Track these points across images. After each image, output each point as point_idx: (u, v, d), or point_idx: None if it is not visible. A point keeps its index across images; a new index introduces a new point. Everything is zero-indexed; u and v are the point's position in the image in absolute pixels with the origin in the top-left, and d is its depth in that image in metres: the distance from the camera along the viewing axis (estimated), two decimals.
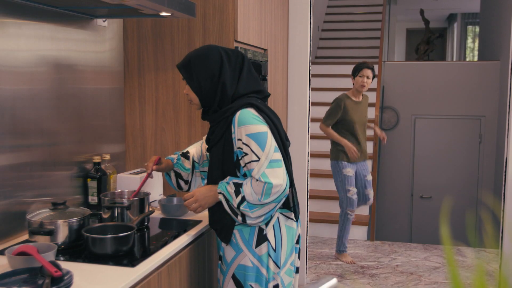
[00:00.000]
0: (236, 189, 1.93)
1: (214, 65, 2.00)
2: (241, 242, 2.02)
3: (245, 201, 1.91)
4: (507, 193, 3.77)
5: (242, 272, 2.02)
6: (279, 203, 1.95)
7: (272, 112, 2.06)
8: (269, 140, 1.92)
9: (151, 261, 1.81)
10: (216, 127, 2.02)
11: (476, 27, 13.49)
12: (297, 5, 3.90)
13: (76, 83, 2.41)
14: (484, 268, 0.52)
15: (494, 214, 1.43)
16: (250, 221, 1.95)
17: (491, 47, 7.79)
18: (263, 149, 1.89)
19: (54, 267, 1.55)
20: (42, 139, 2.19)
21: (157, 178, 2.69)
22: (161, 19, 2.73)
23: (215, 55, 2.01)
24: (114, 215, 2.19)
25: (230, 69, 2.01)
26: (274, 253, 2.01)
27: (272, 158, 1.90)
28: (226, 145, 1.99)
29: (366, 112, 4.53)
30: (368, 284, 4.01)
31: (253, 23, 2.98)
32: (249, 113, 1.95)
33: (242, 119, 1.93)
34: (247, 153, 1.91)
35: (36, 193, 2.15)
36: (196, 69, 2.02)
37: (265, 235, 2.00)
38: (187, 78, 2.04)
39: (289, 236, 2.07)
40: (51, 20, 2.22)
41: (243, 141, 1.92)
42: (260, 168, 1.88)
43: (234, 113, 1.96)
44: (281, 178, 1.89)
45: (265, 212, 1.93)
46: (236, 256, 2.03)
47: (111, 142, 2.72)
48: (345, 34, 8.68)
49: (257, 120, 1.94)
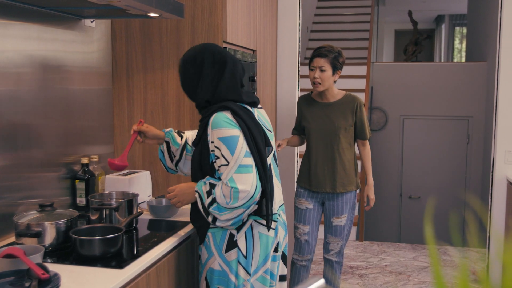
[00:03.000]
0: (209, 189, 1.94)
1: (195, 66, 2.06)
2: (212, 246, 2.02)
3: (215, 203, 1.92)
4: (494, 192, 3.81)
5: (210, 275, 2.03)
6: (248, 209, 1.92)
7: (250, 116, 2.01)
8: (240, 144, 1.90)
9: (140, 262, 1.80)
10: (199, 126, 2.05)
11: (463, 29, 13.60)
12: (286, 6, 3.91)
13: (64, 84, 2.39)
14: (467, 267, 0.53)
15: (476, 214, 1.44)
16: (220, 223, 1.95)
17: (478, 48, 7.86)
18: (232, 153, 1.89)
19: (41, 269, 1.54)
20: (29, 140, 2.18)
21: (145, 179, 2.68)
22: (149, 19, 2.72)
23: (199, 57, 2.06)
24: (103, 217, 2.18)
25: (211, 72, 2.04)
26: (244, 260, 2.00)
27: (242, 163, 1.88)
28: (203, 147, 2.00)
29: (347, 118, 3.05)
30: (357, 284, 4.03)
31: (241, 24, 2.98)
32: (223, 116, 1.94)
33: (215, 122, 1.94)
34: (218, 157, 1.93)
35: (23, 195, 2.13)
36: (182, 67, 2.10)
37: (235, 241, 2.00)
38: (179, 74, 2.13)
39: (263, 243, 2.04)
40: (38, 20, 2.21)
41: (215, 144, 1.93)
42: (228, 172, 1.88)
43: (211, 115, 1.97)
44: (249, 184, 1.87)
45: (234, 216, 1.93)
46: (208, 259, 2.03)
47: (99, 143, 2.70)
48: (334, 35, 8.71)
49: (229, 124, 1.93)
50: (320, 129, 3.04)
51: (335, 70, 3.00)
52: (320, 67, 2.96)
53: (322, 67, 2.96)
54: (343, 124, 3.02)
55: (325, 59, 2.97)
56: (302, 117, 3.15)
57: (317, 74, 2.97)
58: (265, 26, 3.57)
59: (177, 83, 2.73)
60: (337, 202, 3.07)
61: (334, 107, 3.06)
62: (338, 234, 3.10)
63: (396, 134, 7.64)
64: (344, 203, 3.07)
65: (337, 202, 3.07)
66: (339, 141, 3.03)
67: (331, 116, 3.04)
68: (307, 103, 3.15)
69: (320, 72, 2.97)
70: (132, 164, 2.83)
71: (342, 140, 3.03)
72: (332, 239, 3.12)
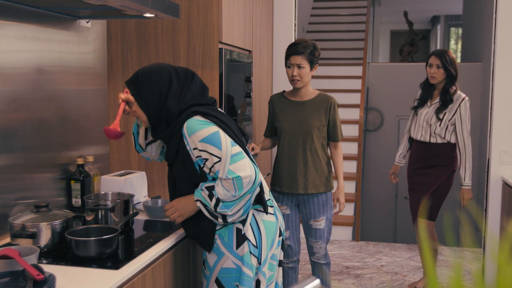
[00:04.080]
0: (209, 192, 1.95)
1: (162, 83, 2.00)
2: (221, 246, 2.04)
3: (220, 202, 1.93)
4: (489, 193, 3.82)
5: (225, 275, 2.04)
6: (254, 193, 1.96)
7: (219, 111, 2.04)
8: (223, 137, 1.93)
9: (135, 263, 1.80)
10: (170, 144, 2.03)
11: (459, 29, 13.64)
12: (281, 7, 3.92)
13: (59, 84, 2.39)
14: (461, 267, 0.53)
15: (471, 214, 1.44)
16: (231, 218, 1.97)
17: (473, 49, 7.88)
18: (220, 148, 1.91)
19: (36, 270, 1.54)
20: (25, 141, 2.17)
21: (141, 180, 2.68)
22: (145, 20, 2.72)
23: (165, 73, 2.01)
24: (98, 217, 2.18)
25: (178, 87, 2.01)
26: (255, 249, 2.04)
27: (232, 153, 1.91)
28: (185, 159, 1.99)
29: (320, 117, 2.96)
30: (353, 284, 4.03)
31: (237, 24, 2.98)
32: (195, 121, 1.95)
33: (190, 129, 1.94)
34: (207, 158, 1.93)
35: (18, 196, 2.13)
36: (144, 86, 2.01)
37: (244, 235, 2.03)
38: (134, 94, 2.03)
39: (268, 230, 2.10)
40: (33, 20, 2.20)
41: (199, 148, 1.93)
42: (224, 167, 1.90)
43: (182, 125, 1.96)
44: (248, 169, 1.91)
45: (242, 205, 1.96)
46: (218, 260, 2.04)
47: (94, 143, 2.70)
48: (330, 35, 8.72)
49: (204, 125, 1.94)
50: (293, 128, 2.96)
51: (313, 65, 2.92)
52: (298, 64, 2.87)
53: (299, 64, 2.87)
54: (316, 124, 2.95)
55: (302, 56, 2.87)
56: (274, 116, 3.05)
57: (295, 72, 2.88)
58: (261, 27, 3.58)
59: None
60: (312, 205, 3.00)
61: (307, 106, 2.97)
62: (319, 237, 3.04)
63: (392, 134, 7.65)
64: (319, 205, 3.00)
65: (312, 205, 3.00)
66: (312, 140, 2.95)
67: (304, 114, 2.96)
68: (279, 101, 3.05)
69: (298, 69, 2.88)
70: (128, 165, 2.83)
71: (314, 139, 2.95)
72: (315, 243, 3.06)
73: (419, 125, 3.64)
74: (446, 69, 3.50)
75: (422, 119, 3.61)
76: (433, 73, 3.55)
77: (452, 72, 3.51)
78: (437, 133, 3.54)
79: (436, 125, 3.53)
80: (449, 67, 3.49)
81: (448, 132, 3.52)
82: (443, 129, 3.52)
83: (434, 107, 3.57)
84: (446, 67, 3.49)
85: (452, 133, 3.52)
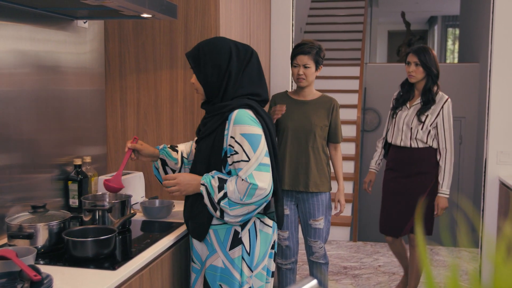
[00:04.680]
0: (220, 184, 1.93)
1: (222, 57, 2.00)
2: (215, 243, 2.02)
3: (226, 198, 1.91)
4: (486, 193, 3.83)
5: (212, 272, 2.03)
6: (260, 207, 1.95)
7: (269, 117, 2.06)
8: (262, 143, 1.93)
9: (133, 264, 1.79)
10: (210, 120, 2.03)
11: (456, 30, 13.67)
12: (279, 7, 3.92)
13: (57, 84, 2.38)
14: (458, 267, 0.53)
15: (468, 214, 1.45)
16: (228, 218, 1.95)
17: (471, 49, 7.90)
18: (254, 151, 1.90)
19: (34, 271, 1.53)
20: (22, 141, 2.17)
21: (138, 181, 2.68)
22: (142, 20, 2.72)
23: (225, 47, 2.02)
24: (95, 218, 2.17)
25: (238, 63, 2.01)
26: (248, 256, 2.03)
27: (262, 162, 1.91)
28: (217, 140, 1.99)
29: (322, 117, 3.03)
30: (351, 284, 4.04)
31: (235, 25, 2.98)
32: (247, 113, 1.96)
33: (239, 118, 1.94)
34: (237, 152, 1.92)
35: (15, 196, 2.12)
36: (204, 59, 2.02)
37: (240, 239, 2.01)
38: (195, 67, 2.05)
39: (263, 241, 2.08)
40: (31, 21, 2.20)
41: (236, 139, 1.92)
42: (248, 169, 1.89)
43: (232, 110, 1.96)
44: (267, 183, 1.90)
45: (244, 213, 1.94)
46: (209, 256, 2.04)
47: (92, 144, 2.69)
48: (327, 36, 8.73)
49: (253, 122, 1.95)
50: (296, 126, 2.99)
51: (318, 65, 3.02)
52: (304, 64, 2.97)
53: (306, 64, 2.97)
54: (319, 123, 3.00)
55: (308, 56, 2.97)
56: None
57: (301, 71, 2.97)
58: (259, 27, 3.58)
59: (170, 84, 2.73)
60: (312, 204, 3.04)
61: (310, 105, 3.03)
62: (318, 236, 3.07)
63: None
64: (319, 205, 3.04)
65: (312, 204, 3.03)
66: (315, 139, 3.00)
67: (308, 113, 3.01)
68: (282, 100, 3.08)
69: (304, 69, 2.97)
70: (126, 166, 2.82)
71: (317, 138, 3.00)
72: (314, 243, 3.10)
73: (399, 129, 3.35)
74: (425, 67, 3.26)
75: (402, 122, 3.33)
76: (411, 71, 3.29)
77: (432, 70, 3.27)
78: (419, 138, 3.28)
79: (417, 128, 3.27)
80: (428, 65, 3.25)
81: (430, 137, 3.29)
82: (425, 133, 3.27)
83: (415, 108, 3.31)
84: (425, 64, 3.25)
85: (434, 137, 3.29)
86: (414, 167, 3.32)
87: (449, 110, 3.25)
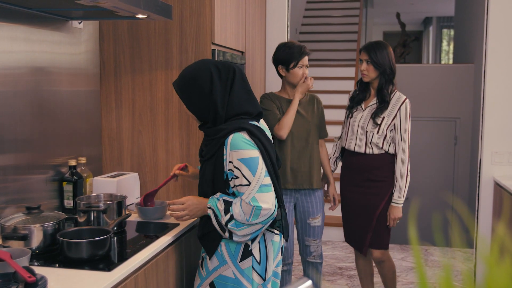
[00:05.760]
0: (226, 207, 1.96)
1: (204, 83, 2.01)
2: (226, 255, 2.05)
3: (233, 220, 1.95)
4: (481, 193, 3.84)
5: (222, 282, 2.06)
6: (266, 225, 1.99)
7: (264, 135, 2.05)
8: (260, 165, 1.94)
9: (128, 265, 1.79)
10: (210, 143, 2.04)
11: (451, 31, 13.72)
12: (274, 8, 3.92)
13: (51, 85, 2.38)
14: (451, 267, 0.53)
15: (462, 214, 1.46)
16: (237, 238, 1.99)
17: (465, 50, 7.93)
18: (254, 174, 1.92)
19: (28, 272, 1.53)
20: (16, 142, 2.16)
21: (133, 181, 2.67)
22: (137, 21, 2.71)
23: (205, 72, 2.02)
24: (90, 219, 2.17)
25: (221, 86, 2.01)
26: (258, 266, 2.06)
27: (263, 183, 1.93)
28: (218, 164, 2.01)
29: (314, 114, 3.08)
30: (346, 285, 4.04)
31: (230, 25, 2.98)
32: (241, 137, 1.96)
33: (234, 143, 1.95)
34: (237, 176, 1.95)
35: (9, 198, 2.12)
36: (188, 88, 2.05)
37: (250, 251, 2.05)
38: (181, 97, 2.08)
39: (274, 250, 2.12)
40: (25, 21, 2.19)
41: (234, 165, 1.94)
42: (250, 192, 1.92)
43: (227, 135, 1.97)
44: (270, 203, 1.93)
45: (252, 232, 1.97)
46: (219, 267, 2.06)
47: (87, 145, 2.69)
48: (323, 36, 8.74)
49: (249, 145, 1.95)
50: (297, 125, 2.99)
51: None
52: (307, 64, 3.01)
53: (307, 64, 3.01)
54: (313, 120, 3.06)
55: (308, 57, 3.03)
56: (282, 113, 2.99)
57: (306, 71, 3.00)
58: (254, 28, 3.58)
59: (165, 85, 2.73)
60: (311, 202, 3.06)
61: (302, 104, 3.04)
62: (317, 235, 3.10)
63: None
64: (317, 202, 3.07)
65: (311, 202, 3.06)
66: (313, 137, 3.05)
67: (303, 112, 3.03)
68: (278, 100, 3.03)
69: (306, 69, 3.00)
70: (120, 166, 2.82)
71: (314, 135, 3.06)
72: (312, 242, 3.10)
73: (353, 132, 3.06)
74: (376, 65, 2.96)
75: (357, 125, 3.04)
76: (363, 70, 3.01)
77: (384, 69, 2.97)
78: (374, 142, 2.99)
79: (373, 132, 2.99)
80: (380, 63, 2.96)
81: (386, 142, 3.00)
82: (381, 137, 2.99)
83: (370, 110, 3.03)
84: (376, 62, 2.96)
85: (390, 142, 3.01)
86: (369, 175, 3.03)
87: (407, 111, 2.98)
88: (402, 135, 2.99)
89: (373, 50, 2.98)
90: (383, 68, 2.97)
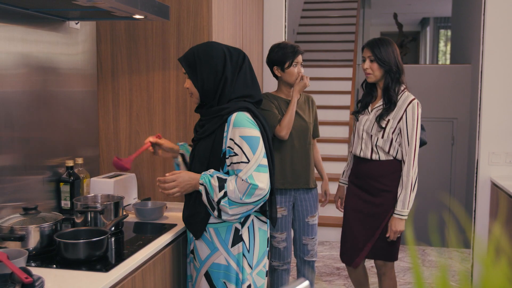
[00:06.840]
0: (220, 184, 1.97)
1: (218, 62, 2.05)
2: (216, 241, 2.06)
3: (226, 197, 1.95)
4: (478, 193, 3.85)
5: (215, 270, 2.06)
6: (257, 207, 2.00)
7: (265, 119, 2.12)
8: (260, 145, 1.99)
9: (125, 265, 1.79)
10: (208, 122, 2.07)
11: (448, 31, 13.74)
12: (272, 8, 3.92)
13: (48, 86, 2.37)
14: (447, 267, 0.54)
15: (459, 214, 1.44)
16: (226, 217, 1.99)
17: (462, 51, 7.94)
18: (254, 153, 1.96)
19: (25, 273, 1.53)
20: (13, 142, 2.15)
21: (131, 182, 2.67)
22: (134, 21, 2.71)
23: (219, 52, 2.07)
24: (87, 220, 2.16)
25: (232, 67, 2.06)
26: (248, 254, 2.07)
27: (261, 163, 1.97)
28: (216, 141, 2.03)
29: (309, 114, 3.09)
30: (343, 285, 4.04)
31: (227, 26, 2.98)
32: (245, 116, 2.02)
33: (238, 121, 1.99)
34: (237, 154, 1.97)
35: (6, 198, 2.11)
36: (200, 65, 2.07)
37: (240, 236, 2.06)
38: (190, 73, 2.09)
39: (262, 238, 2.14)
40: (22, 22, 2.19)
41: (236, 142, 1.97)
42: (248, 170, 1.94)
43: (230, 113, 2.01)
44: (266, 183, 1.96)
45: (242, 212, 1.99)
46: (211, 255, 2.07)
47: (84, 145, 2.68)
48: (320, 37, 8.75)
49: (252, 124, 2.01)
50: (295, 125, 2.96)
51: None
52: (301, 62, 2.99)
53: (301, 62, 3.00)
54: (310, 120, 3.08)
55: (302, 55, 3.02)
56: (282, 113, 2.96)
57: (302, 69, 2.99)
58: (251, 28, 3.58)
59: (163, 85, 2.72)
60: (308, 201, 3.08)
61: (299, 104, 3.03)
62: (315, 233, 3.13)
63: None
64: (314, 200, 3.11)
65: (309, 201, 3.08)
66: (310, 136, 3.08)
67: (300, 112, 3.03)
68: (276, 100, 3.01)
69: (300, 67, 2.98)
70: (124, 168, 2.81)
71: (310, 135, 3.08)
72: (310, 240, 3.11)
73: (359, 136, 2.85)
74: (381, 62, 2.74)
75: (362, 129, 2.82)
76: (366, 68, 2.78)
77: (390, 66, 2.74)
78: (379, 146, 2.76)
79: (378, 136, 2.75)
80: (386, 60, 2.74)
81: (393, 147, 2.75)
82: (386, 142, 2.74)
83: (376, 112, 2.79)
84: (380, 60, 2.73)
85: (398, 148, 2.76)
86: (376, 183, 2.80)
87: (414, 113, 2.72)
88: (409, 140, 2.71)
89: (377, 46, 2.75)
90: (388, 66, 2.73)
